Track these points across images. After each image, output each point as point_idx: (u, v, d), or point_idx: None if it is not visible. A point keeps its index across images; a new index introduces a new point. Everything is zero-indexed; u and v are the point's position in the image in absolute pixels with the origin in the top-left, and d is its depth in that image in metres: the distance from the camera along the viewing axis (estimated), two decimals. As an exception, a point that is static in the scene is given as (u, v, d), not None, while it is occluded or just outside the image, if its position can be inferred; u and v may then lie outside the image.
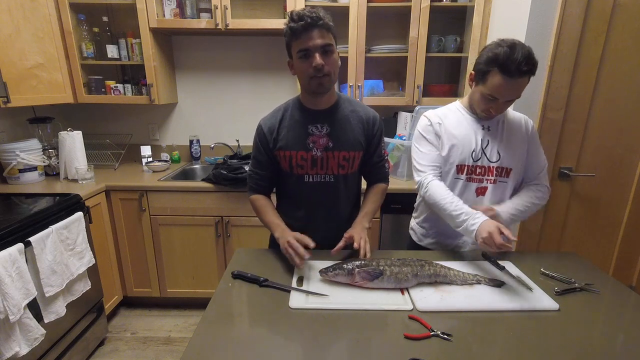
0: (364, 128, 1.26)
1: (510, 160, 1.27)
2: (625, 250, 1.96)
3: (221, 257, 2.26)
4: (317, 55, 1.08)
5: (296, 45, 1.10)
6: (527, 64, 1.08)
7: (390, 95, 2.36)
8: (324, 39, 1.09)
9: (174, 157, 2.64)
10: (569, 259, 1.24)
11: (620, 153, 1.85)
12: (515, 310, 0.95)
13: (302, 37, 1.08)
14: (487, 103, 1.19)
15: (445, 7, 2.19)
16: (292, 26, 1.08)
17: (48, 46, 2.06)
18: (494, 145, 1.27)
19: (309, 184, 1.26)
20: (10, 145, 2.05)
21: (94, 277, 1.89)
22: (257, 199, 1.32)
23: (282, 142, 1.23)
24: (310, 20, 1.06)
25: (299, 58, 1.11)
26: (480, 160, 1.27)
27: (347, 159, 1.24)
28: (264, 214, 1.29)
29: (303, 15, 1.06)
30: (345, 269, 1.03)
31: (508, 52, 1.09)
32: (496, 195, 1.30)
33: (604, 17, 1.68)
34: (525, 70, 1.09)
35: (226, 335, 0.87)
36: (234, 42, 2.50)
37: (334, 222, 1.31)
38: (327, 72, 1.11)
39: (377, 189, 1.37)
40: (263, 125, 1.26)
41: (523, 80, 1.12)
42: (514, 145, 1.27)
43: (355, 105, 1.28)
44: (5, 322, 1.34)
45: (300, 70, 1.13)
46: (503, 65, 1.09)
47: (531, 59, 1.09)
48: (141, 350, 2.04)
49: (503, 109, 1.21)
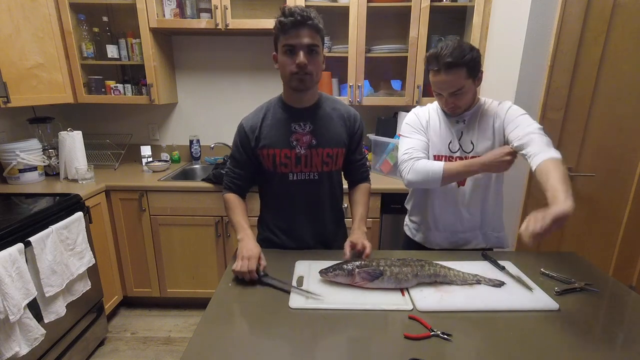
0: (345, 125, 1.27)
1: (483, 148, 1.29)
2: (625, 250, 1.96)
3: (221, 257, 2.26)
4: (302, 54, 1.09)
5: (283, 39, 1.11)
6: (452, 56, 1.13)
7: (387, 95, 2.36)
8: (311, 39, 1.09)
9: (174, 157, 2.64)
10: (569, 259, 1.24)
11: (620, 153, 1.85)
12: (515, 310, 0.95)
13: (289, 32, 1.08)
14: (439, 99, 1.27)
15: (445, 7, 2.19)
16: (282, 20, 1.08)
17: (48, 46, 2.06)
18: (468, 136, 1.30)
19: (293, 182, 1.26)
20: (10, 145, 2.05)
21: (94, 277, 1.89)
22: (229, 197, 1.30)
23: (265, 141, 1.23)
24: (300, 18, 1.06)
25: (283, 53, 1.12)
26: (458, 152, 1.31)
27: (331, 156, 1.25)
28: (233, 214, 1.27)
29: (294, 12, 1.07)
30: (345, 270, 1.03)
31: (438, 51, 1.17)
32: (477, 184, 1.33)
33: (604, 17, 1.69)
34: (450, 63, 1.14)
35: (226, 335, 0.87)
36: (234, 42, 2.50)
37: (319, 220, 1.32)
38: (309, 72, 1.12)
39: (364, 190, 1.37)
40: (245, 124, 1.26)
41: (455, 73, 1.16)
42: (488, 132, 1.29)
43: (335, 104, 1.29)
44: (5, 322, 1.34)
45: (283, 65, 1.14)
46: (431, 62, 1.19)
47: (457, 52, 1.14)
48: (141, 350, 2.04)
49: (453, 102, 1.23)
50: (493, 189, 1.35)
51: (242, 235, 1.18)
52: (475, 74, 1.20)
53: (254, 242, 1.16)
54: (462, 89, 1.20)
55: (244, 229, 1.20)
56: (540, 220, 0.87)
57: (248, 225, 1.23)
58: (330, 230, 1.36)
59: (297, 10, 1.07)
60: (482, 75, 1.23)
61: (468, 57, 1.15)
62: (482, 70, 1.23)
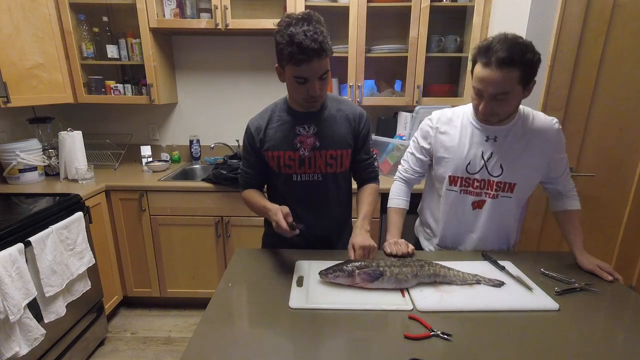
0: (350, 126, 1.27)
1: (514, 175, 1.18)
2: (625, 250, 1.96)
3: (221, 257, 2.26)
4: (317, 85, 1.08)
5: (293, 70, 1.06)
6: (510, 52, 0.98)
7: (389, 95, 2.36)
8: (323, 68, 1.07)
9: (174, 157, 2.64)
10: (569, 259, 1.24)
11: (620, 153, 1.85)
12: (515, 310, 0.95)
13: (301, 66, 1.04)
14: (477, 98, 1.10)
15: (445, 7, 2.19)
16: (292, 52, 1.01)
17: (48, 46, 2.06)
18: (499, 157, 1.17)
19: (297, 182, 1.27)
20: (10, 145, 2.05)
21: (94, 277, 1.89)
22: (246, 194, 1.33)
23: (269, 143, 1.24)
24: (312, 53, 1.01)
25: (294, 82, 1.09)
26: (479, 174, 1.20)
27: (335, 158, 1.25)
28: (254, 202, 1.27)
29: (307, 47, 1.00)
30: (345, 271, 1.03)
31: (492, 42, 1.01)
32: (496, 210, 1.23)
33: (604, 17, 1.68)
34: (505, 58, 0.98)
35: (226, 335, 0.87)
36: (234, 42, 2.50)
37: (324, 220, 1.32)
38: (320, 96, 1.13)
39: (370, 189, 1.34)
40: (251, 125, 1.28)
41: (505, 73, 1.00)
42: (524, 158, 1.16)
43: (341, 104, 1.29)
44: (5, 322, 1.34)
45: (294, 91, 1.14)
46: (482, 53, 1.02)
47: (516, 52, 0.98)
48: (141, 350, 2.04)
49: (492, 107, 1.08)
50: (512, 213, 1.25)
51: (267, 205, 1.17)
52: (528, 81, 1.04)
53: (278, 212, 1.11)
54: (509, 93, 1.03)
55: (267, 202, 1.20)
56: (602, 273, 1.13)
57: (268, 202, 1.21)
58: (335, 231, 1.37)
59: (308, 43, 0.99)
60: (533, 85, 1.07)
61: (529, 58, 0.99)
62: (535, 80, 1.06)
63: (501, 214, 1.24)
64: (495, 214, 1.24)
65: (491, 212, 1.24)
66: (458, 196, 1.26)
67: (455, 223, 1.30)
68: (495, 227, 1.27)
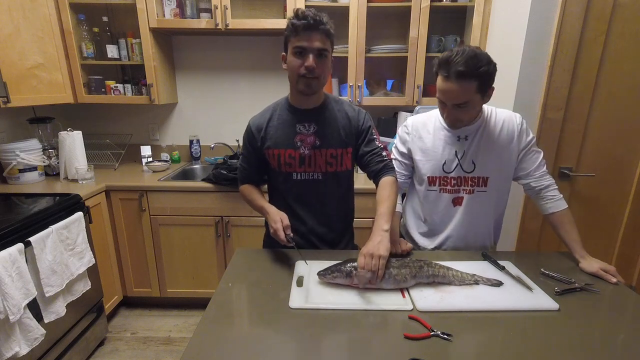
0: (351, 124, 1.28)
1: (486, 169, 1.25)
2: (625, 250, 1.96)
3: (221, 257, 2.26)
4: (311, 57, 1.12)
5: (294, 41, 1.12)
6: (465, 65, 1.04)
7: (382, 95, 2.35)
8: (322, 44, 1.12)
9: (174, 157, 2.64)
10: (569, 259, 1.24)
11: (620, 153, 1.85)
12: (515, 310, 0.95)
13: (301, 35, 1.10)
14: (441, 107, 1.20)
15: (445, 7, 2.19)
16: (295, 22, 1.10)
17: (48, 46, 2.06)
18: (471, 154, 1.25)
19: (297, 181, 1.28)
20: (10, 145, 2.05)
21: (94, 277, 1.89)
22: (244, 188, 1.36)
23: (270, 141, 1.26)
24: (312, 22, 1.09)
25: (293, 54, 1.14)
26: (455, 172, 1.27)
27: (335, 156, 1.26)
28: (252, 199, 1.32)
29: (307, 15, 1.09)
30: (344, 271, 1.03)
31: (451, 55, 1.08)
32: (474, 204, 1.29)
33: (604, 17, 1.68)
34: (462, 72, 1.05)
35: (226, 335, 0.87)
36: (234, 42, 2.50)
37: (324, 219, 1.33)
38: (317, 75, 1.14)
39: (383, 184, 1.21)
40: (252, 124, 1.30)
41: (463, 85, 1.08)
42: (493, 152, 1.24)
43: (342, 105, 1.30)
44: (5, 322, 1.34)
45: (292, 66, 1.15)
46: (443, 67, 1.09)
47: (472, 62, 1.05)
48: (141, 350, 2.04)
49: (455, 115, 1.17)
50: (491, 207, 1.31)
51: (267, 207, 1.23)
52: (485, 89, 1.12)
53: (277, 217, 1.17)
54: (469, 102, 1.12)
55: (266, 204, 1.26)
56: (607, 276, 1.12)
57: (267, 203, 1.27)
58: (336, 230, 1.37)
59: (310, 13, 1.09)
60: (492, 91, 1.15)
61: (483, 70, 1.06)
62: (494, 87, 1.14)
63: (478, 209, 1.30)
64: (473, 209, 1.30)
65: (468, 208, 1.29)
66: (437, 195, 1.31)
67: (437, 220, 1.35)
68: (474, 222, 1.31)
